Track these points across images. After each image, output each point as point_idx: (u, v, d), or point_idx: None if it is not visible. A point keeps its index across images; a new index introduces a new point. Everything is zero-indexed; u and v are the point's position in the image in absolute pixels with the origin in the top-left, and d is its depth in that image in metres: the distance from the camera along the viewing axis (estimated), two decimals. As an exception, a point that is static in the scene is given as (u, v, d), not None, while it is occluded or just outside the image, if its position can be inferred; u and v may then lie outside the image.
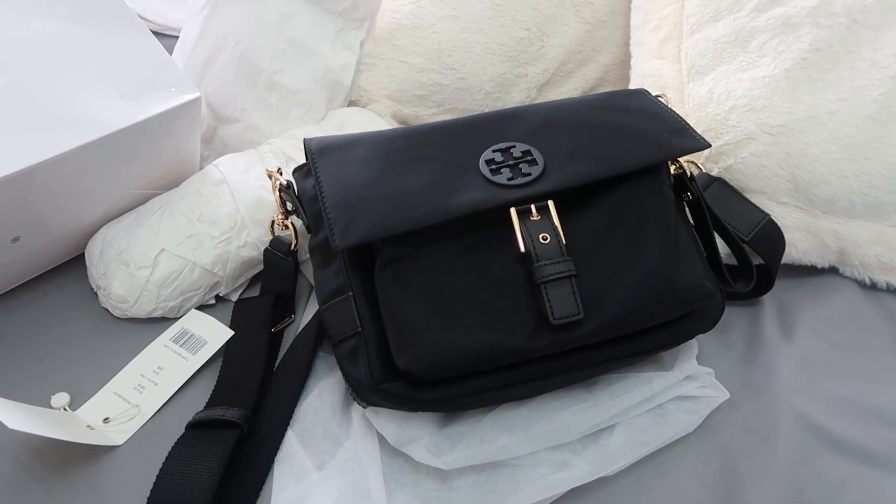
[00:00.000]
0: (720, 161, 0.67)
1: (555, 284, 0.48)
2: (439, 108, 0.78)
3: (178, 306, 0.60)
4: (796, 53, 0.68)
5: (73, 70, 0.55)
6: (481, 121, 0.55)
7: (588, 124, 0.55)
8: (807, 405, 0.56)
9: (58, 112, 0.53)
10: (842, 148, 0.65)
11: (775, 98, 0.66)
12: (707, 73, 0.70)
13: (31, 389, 0.54)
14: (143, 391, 0.54)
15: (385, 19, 0.78)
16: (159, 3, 0.87)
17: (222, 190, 0.62)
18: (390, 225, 0.48)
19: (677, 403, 0.54)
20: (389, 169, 0.51)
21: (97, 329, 0.59)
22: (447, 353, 0.46)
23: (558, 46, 0.80)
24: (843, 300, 0.66)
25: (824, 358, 0.60)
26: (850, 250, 0.66)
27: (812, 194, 0.65)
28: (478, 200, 0.49)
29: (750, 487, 0.51)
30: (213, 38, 0.69)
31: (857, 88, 0.67)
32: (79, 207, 0.59)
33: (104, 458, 0.50)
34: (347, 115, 0.72)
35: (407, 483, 0.49)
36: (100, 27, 0.57)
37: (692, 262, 0.53)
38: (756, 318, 0.63)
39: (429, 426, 0.50)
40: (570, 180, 0.51)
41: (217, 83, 0.70)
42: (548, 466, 0.50)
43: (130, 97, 0.55)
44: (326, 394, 0.54)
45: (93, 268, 0.60)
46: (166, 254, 0.59)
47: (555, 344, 0.48)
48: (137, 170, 0.60)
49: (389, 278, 0.49)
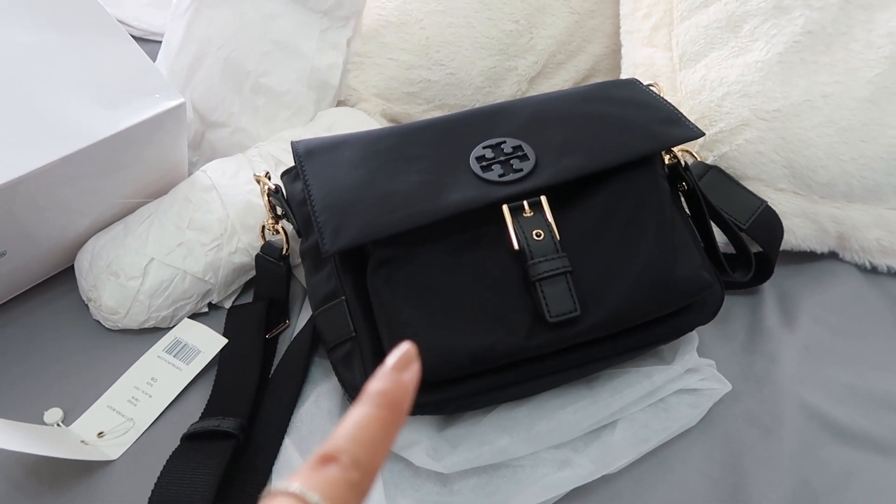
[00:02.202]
0: (715, 149, 0.66)
1: (550, 281, 0.47)
2: (429, 104, 0.77)
3: (171, 316, 0.59)
4: (789, 37, 0.67)
5: (54, 79, 0.54)
6: (471, 117, 0.55)
7: (579, 117, 0.54)
8: (810, 394, 0.55)
9: (39, 123, 0.52)
10: (838, 131, 0.64)
11: (769, 83, 0.65)
12: (699, 59, 0.69)
13: (23, 406, 0.53)
14: (137, 404, 0.54)
15: (371, 16, 0.77)
16: (140, 9, 0.86)
17: (211, 196, 0.61)
18: (381, 227, 0.47)
19: (679, 397, 0.53)
20: (378, 169, 0.50)
21: (89, 342, 0.58)
22: (443, 356, 0.46)
23: (548, 38, 0.79)
24: (844, 285, 0.65)
25: (826, 345, 0.59)
26: (850, 234, 0.66)
27: (809, 179, 0.64)
28: (469, 198, 0.48)
29: (755, 479, 0.50)
30: (197, 41, 0.68)
31: (852, 70, 0.66)
32: (65, 219, 0.58)
33: (99, 473, 0.50)
34: (336, 116, 0.71)
35: (407, 488, 0.49)
36: (80, 35, 0.56)
37: (689, 253, 0.52)
38: (756, 307, 0.63)
39: (427, 429, 0.50)
40: (563, 175, 0.50)
41: (203, 87, 0.69)
42: (550, 466, 0.49)
43: (113, 105, 0.54)
44: (323, 400, 0.53)
45: (83, 280, 0.59)
46: (156, 263, 0.58)
47: (552, 342, 0.47)
48: (124, 179, 0.59)
49: (382, 281, 0.48)
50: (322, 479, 0.22)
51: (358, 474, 0.22)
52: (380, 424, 0.24)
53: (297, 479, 0.22)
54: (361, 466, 0.23)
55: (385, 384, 0.25)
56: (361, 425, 0.24)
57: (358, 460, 0.23)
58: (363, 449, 0.23)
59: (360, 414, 0.24)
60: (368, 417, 0.24)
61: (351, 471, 0.22)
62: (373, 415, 0.24)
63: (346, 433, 0.23)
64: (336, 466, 0.22)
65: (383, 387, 0.25)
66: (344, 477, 0.22)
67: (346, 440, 0.23)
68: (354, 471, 0.22)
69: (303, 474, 0.22)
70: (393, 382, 0.25)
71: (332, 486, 0.22)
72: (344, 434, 0.23)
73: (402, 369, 0.25)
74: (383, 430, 0.24)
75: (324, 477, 0.22)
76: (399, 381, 0.25)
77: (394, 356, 0.26)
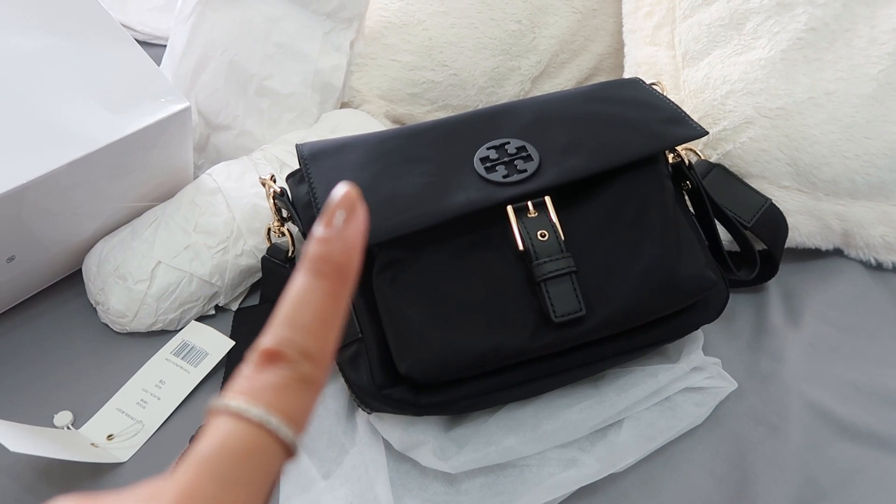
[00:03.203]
0: (719, 147, 0.66)
1: (555, 282, 0.47)
2: (433, 105, 0.77)
3: (178, 318, 0.59)
4: (792, 34, 0.67)
5: (60, 85, 0.54)
6: (474, 118, 0.55)
7: (582, 117, 0.54)
8: (816, 392, 0.55)
9: (46, 128, 0.52)
10: (842, 128, 0.64)
11: (772, 80, 0.65)
12: (702, 58, 0.69)
13: (33, 409, 0.54)
14: (145, 406, 0.54)
15: (374, 18, 0.77)
16: (145, 13, 0.86)
17: (217, 199, 0.61)
18: (386, 229, 0.47)
19: (685, 395, 0.53)
20: (383, 172, 0.50)
21: (97, 345, 0.59)
22: (448, 357, 0.46)
23: (550, 38, 0.79)
24: (849, 282, 0.65)
25: (832, 343, 0.59)
26: (855, 231, 0.66)
27: (813, 176, 0.64)
28: (473, 200, 0.49)
29: (761, 477, 0.50)
30: (201, 45, 0.68)
31: (855, 67, 0.66)
32: (73, 223, 0.58)
33: (109, 475, 0.50)
34: (340, 118, 0.72)
35: (415, 488, 0.49)
36: (85, 40, 0.56)
37: (694, 252, 0.52)
38: (762, 305, 0.63)
39: (434, 430, 0.50)
40: (567, 175, 0.50)
41: (207, 91, 0.69)
42: (556, 465, 0.49)
43: (119, 110, 0.55)
44: (330, 401, 0.54)
45: (90, 283, 0.60)
46: (163, 266, 0.58)
47: (558, 342, 0.47)
48: (130, 182, 0.59)
49: (387, 282, 0.48)
50: (265, 384, 0.18)
51: (309, 367, 0.18)
52: (326, 298, 0.19)
53: (235, 390, 0.18)
54: (311, 356, 0.18)
55: (325, 245, 0.19)
56: (303, 304, 0.19)
57: (306, 350, 0.18)
58: (310, 334, 0.19)
59: (300, 289, 0.19)
60: (311, 292, 0.19)
61: (300, 365, 0.18)
62: (316, 287, 0.19)
63: (286, 318, 0.19)
64: (281, 365, 0.18)
65: (323, 248, 0.19)
66: (292, 375, 0.18)
67: (288, 327, 0.19)
68: (304, 364, 0.18)
69: (242, 383, 0.18)
70: (334, 240, 0.19)
71: (278, 391, 0.18)
72: (284, 319, 0.19)
73: (343, 221, 0.20)
74: (331, 305, 0.19)
75: (267, 381, 0.18)
76: (342, 238, 0.19)
77: (330, 205, 0.20)
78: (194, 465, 0.17)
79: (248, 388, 0.18)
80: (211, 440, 0.17)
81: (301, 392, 0.18)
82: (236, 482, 0.17)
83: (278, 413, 0.17)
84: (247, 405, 0.17)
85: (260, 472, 0.17)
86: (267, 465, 0.17)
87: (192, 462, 0.17)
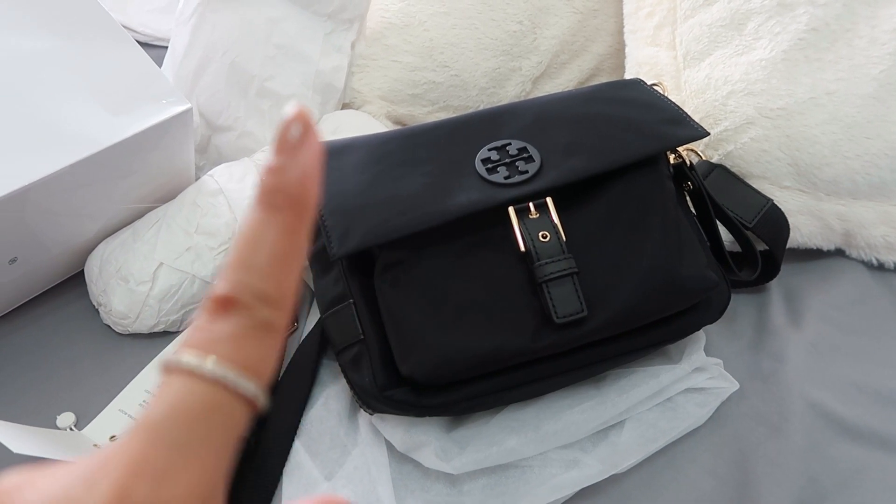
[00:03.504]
0: (720, 147, 0.66)
1: (556, 283, 0.47)
2: (434, 106, 0.77)
3: (180, 320, 0.59)
4: (793, 34, 0.67)
5: (61, 86, 0.54)
6: (475, 119, 0.55)
7: (583, 118, 0.54)
8: (818, 392, 0.55)
9: (48, 130, 0.52)
10: (843, 128, 0.64)
11: (773, 81, 0.65)
12: (703, 58, 0.69)
13: (35, 410, 0.54)
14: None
15: (375, 19, 0.77)
16: (146, 14, 0.87)
17: (219, 200, 0.61)
18: (387, 230, 0.47)
19: (687, 396, 0.53)
20: (384, 173, 0.50)
21: (100, 346, 0.59)
22: (450, 358, 0.46)
23: (551, 38, 0.79)
24: (851, 283, 0.65)
25: (834, 343, 0.59)
26: (856, 231, 0.66)
27: (814, 177, 0.64)
28: (475, 201, 0.49)
29: (763, 478, 0.50)
30: (202, 47, 0.68)
31: (856, 67, 0.66)
32: (75, 225, 0.58)
33: (112, 476, 0.50)
34: (342, 119, 0.72)
35: (417, 489, 0.49)
36: (86, 41, 0.56)
37: (695, 253, 0.52)
38: (763, 306, 0.63)
39: (436, 431, 0.50)
40: (568, 176, 0.50)
41: (209, 92, 0.69)
42: (558, 466, 0.49)
43: (121, 111, 0.55)
44: (332, 402, 0.54)
45: (93, 285, 0.60)
46: (165, 268, 0.58)
47: (559, 343, 0.48)
48: (132, 184, 0.59)
49: (389, 284, 0.48)
50: (220, 334, 0.16)
51: (267, 311, 0.17)
52: (282, 234, 0.17)
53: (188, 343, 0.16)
54: (269, 299, 0.17)
55: (278, 176, 0.18)
56: (258, 242, 0.17)
57: (263, 292, 0.17)
58: (267, 275, 0.17)
59: (253, 226, 0.17)
60: (265, 228, 0.17)
61: (257, 310, 0.17)
62: (270, 223, 0.17)
63: (239, 259, 0.17)
64: (236, 311, 0.16)
65: (276, 179, 0.18)
66: (249, 322, 0.16)
67: (242, 269, 0.17)
68: (262, 308, 0.17)
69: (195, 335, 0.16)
70: (289, 169, 0.18)
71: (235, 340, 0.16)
72: (237, 261, 0.17)
73: (296, 146, 0.18)
74: (288, 241, 0.17)
75: (222, 331, 0.16)
76: (296, 166, 0.18)
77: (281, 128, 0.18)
78: (143, 431, 0.15)
79: (201, 340, 0.16)
80: (162, 402, 0.16)
81: (260, 339, 0.17)
82: (191, 447, 0.15)
83: (236, 365, 0.16)
84: (200, 360, 0.16)
85: (219, 433, 0.16)
86: (227, 423, 0.16)
87: (141, 428, 0.16)
